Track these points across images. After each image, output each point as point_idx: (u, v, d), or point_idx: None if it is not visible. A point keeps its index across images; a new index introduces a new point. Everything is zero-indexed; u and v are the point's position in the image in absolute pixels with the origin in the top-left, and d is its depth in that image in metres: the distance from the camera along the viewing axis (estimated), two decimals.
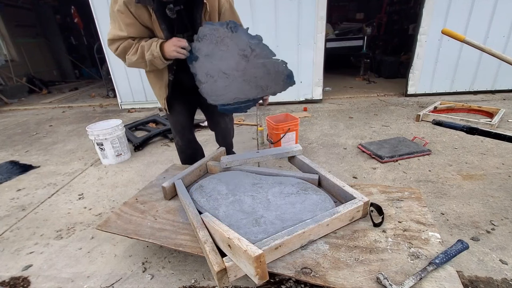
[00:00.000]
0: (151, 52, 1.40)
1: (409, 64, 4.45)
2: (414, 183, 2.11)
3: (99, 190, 2.33)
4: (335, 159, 2.58)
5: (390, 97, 4.67)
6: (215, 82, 1.55)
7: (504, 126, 3.06)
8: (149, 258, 1.54)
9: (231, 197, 1.47)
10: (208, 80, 1.54)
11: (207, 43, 1.44)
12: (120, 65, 4.75)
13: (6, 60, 6.94)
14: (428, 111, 3.53)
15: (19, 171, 2.78)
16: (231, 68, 1.52)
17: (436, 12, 4.03)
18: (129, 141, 3.13)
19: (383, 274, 1.01)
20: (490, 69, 4.27)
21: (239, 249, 1.00)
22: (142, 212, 1.55)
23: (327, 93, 4.98)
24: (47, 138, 3.74)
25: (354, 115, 3.83)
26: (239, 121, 3.82)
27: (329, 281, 1.04)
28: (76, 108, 5.46)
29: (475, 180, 2.09)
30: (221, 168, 1.78)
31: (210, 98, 1.61)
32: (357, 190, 1.44)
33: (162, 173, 1.98)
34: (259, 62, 1.52)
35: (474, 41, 1.96)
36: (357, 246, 1.19)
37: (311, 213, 1.31)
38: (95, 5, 4.38)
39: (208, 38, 1.42)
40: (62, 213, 2.05)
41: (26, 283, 1.45)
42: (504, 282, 1.27)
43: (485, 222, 1.65)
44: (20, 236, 1.82)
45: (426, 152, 2.53)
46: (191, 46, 1.44)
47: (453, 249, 1.11)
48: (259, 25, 4.15)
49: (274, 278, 1.29)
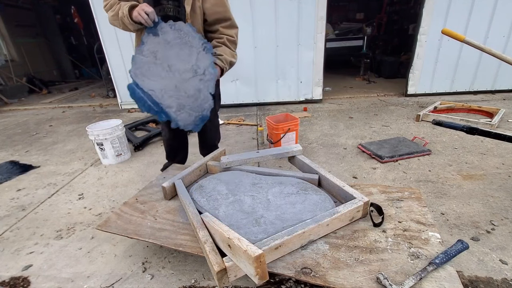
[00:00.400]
0: (122, 11, 1.47)
1: (409, 64, 4.45)
2: (414, 183, 2.11)
3: (99, 190, 2.33)
4: (335, 159, 2.58)
5: (390, 97, 4.68)
6: (155, 64, 1.56)
7: (504, 126, 3.06)
8: (149, 258, 1.54)
9: (231, 197, 1.47)
10: (150, 56, 1.54)
11: (174, 37, 1.47)
12: (120, 65, 4.76)
13: (6, 60, 6.94)
14: (428, 111, 3.53)
15: (19, 171, 2.78)
16: (178, 68, 1.55)
17: (436, 12, 4.03)
18: (129, 141, 3.12)
19: (383, 274, 1.01)
20: (490, 69, 4.27)
21: (239, 249, 1.00)
22: (142, 212, 1.55)
23: (327, 93, 4.98)
24: (47, 138, 3.74)
25: (354, 115, 3.83)
26: (239, 121, 3.82)
27: (329, 281, 1.04)
28: (76, 108, 5.46)
29: (475, 180, 2.09)
30: (221, 168, 1.78)
31: (135, 69, 1.57)
32: (357, 190, 1.44)
33: (162, 173, 1.98)
34: (198, 86, 1.57)
35: (474, 41, 1.96)
36: (357, 246, 1.19)
37: (311, 213, 1.31)
38: (95, 5, 4.37)
39: (179, 35, 1.47)
40: (62, 213, 2.05)
41: (26, 283, 1.45)
42: (504, 282, 1.27)
43: (485, 222, 1.65)
44: (20, 236, 1.82)
45: (426, 152, 2.53)
46: (159, 19, 1.45)
47: (453, 249, 1.11)
48: (259, 25, 4.15)
49: (274, 278, 1.29)
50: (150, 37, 1.50)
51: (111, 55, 4.70)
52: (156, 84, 1.59)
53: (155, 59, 1.54)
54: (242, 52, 4.31)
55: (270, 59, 4.37)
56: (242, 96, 4.61)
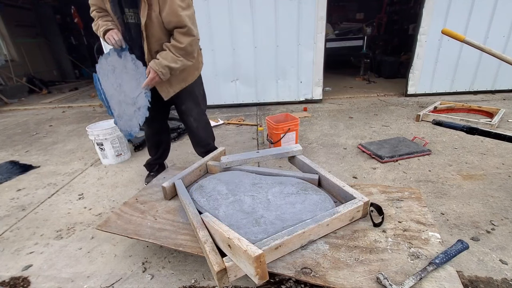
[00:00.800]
0: (99, 31, 1.74)
1: (409, 64, 4.45)
2: (414, 183, 2.11)
3: (99, 190, 2.33)
4: (335, 159, 2.58)
5: (390, 97, 4.68)
6: (112, 74, 1.86)
7: (504, 126, 3.06)
8: (149, 258, 1.54)
9: (231, 197, 1.47)
10: (110, 67, 1.85)
11: (131, 68, 1.76)
12: None
13: (6, 60, 6.94)
14: (428, 111, 3.53)
15: (19, 171, 2.78)
16: (124, 91, 1.85)
17: (436, 12, 4.03)
18: (129, 141, 3.13)
19: (383, 274, 1.01)
20: (490, 69, 4.27)
21: (239, 249, 1.00)
22: (142, 212, 1.55)
23: (327, 93, 4.98)
24: (47, 138, 3.74)
25: (354, 115, 3.83)
26: (239, 121, 3.82)
27: (329, 281, 1.04)
28: (76, 108, 5.46)
29: (475, 180, 2.09)
30: (221, 168, 1.78)
31: (99, 67, 1.90)
32: (357, 190, 1.44)
33: (162, 173, 1.98)
34: (132, 115, 1.86)
35: (474, 41, 1.96)
36: (357, 246, 1.19)
37: (311, 213, 1.31)
38: None
39: (135, 70, 1.75)
40: (62, 213, 2.05)
41: (26, 283, 1.45)
42: (504, 282, 1.27)
43: (485, 222, 1.65)
44: (20, 236, 1.82)
45: (426, 152, 2.53)
46: (126, 47, 1.72)
47: (453, 249, 1.11)
48: (259, 25, 4.15)
49: (274, 278, 1.29)
50: (115, 55, 1.78)
51: None
52: (107, 89, 1.93)
53: (113, 72, 1.84)
54: (242, 52, 4.37)
55: (270, 59, 4.37)
56: (242, 96, 4.61)
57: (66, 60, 8.84)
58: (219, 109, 4.53)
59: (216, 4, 4.01)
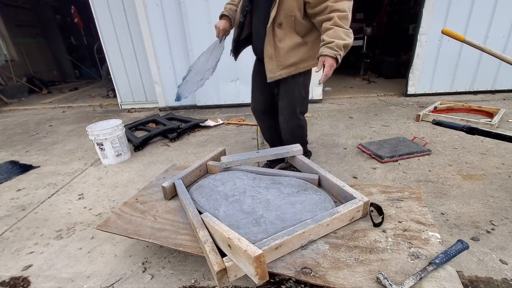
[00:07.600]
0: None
1: (409, 64, 4.45)
2: (414, 183, 2.11)
3: (99, 190, 2.33)
4: (335, 159, 2.58)
5: (390, 97, 4.67)
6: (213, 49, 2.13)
7: (504, 126, 3.06)
8: (149, 258, 1.54)
9: (231, 197, 1.47)
10: (211, 46, 2.13)
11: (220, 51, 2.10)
12: (120, 65, 4.76)
13: (6, 60, 6.94)
14: (428, 111, 3.53)
15: (19, 171, 2.78)
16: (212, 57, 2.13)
17: (436, 12, 4.03)
18: (129, 141, 3.12)
19: (383, 274, 1.01)
20: (490, 69, 4.27)
21: (239, 249, 1.00)
22: (142, 212, 1.55)
23: (327, 93, 4.98)
24: (47, 138, 3.74)
25: (354, 115, 3.83)
26: (239, 121, 3.82)
27: (329, 281, 1.04)
28: (76, 108, 5.46)
29: (475, 180, 2.09)
30: (221, 168, 1.78)
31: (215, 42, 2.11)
32: (357, 190, 1.44)
33: (162, 173, 1.98)
34: (205, 75, 2.13)
35: (474, 41, 1.96)
36: (357, 246, 1.19)
37: (311, 213, 1.31)
38: (95, 5, 4.37)
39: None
40: (62, 213, 2.05)
41: (26, 283, 1.45)
42: (504, 282, 1.27)
43: (485, 222, 1.65)
44: (20, 236, 1.82)
45: (426, 152, 2.53)
46: (222, 40, 2.03)
47: (453, 249, 1.11)
48: None
49: (274, 278, 1.29)
50: (217, 42, 2.08)
51: (111, 55, 4.70)
52: (200, 59, 2.18)
53: (212, 49, 2.12)
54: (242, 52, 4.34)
55: None
56: (242, 96, 4.60)
57: (66, 60, 8.84)
58: (219, 109, 4.53)
59: (216, 4, 4.01)
